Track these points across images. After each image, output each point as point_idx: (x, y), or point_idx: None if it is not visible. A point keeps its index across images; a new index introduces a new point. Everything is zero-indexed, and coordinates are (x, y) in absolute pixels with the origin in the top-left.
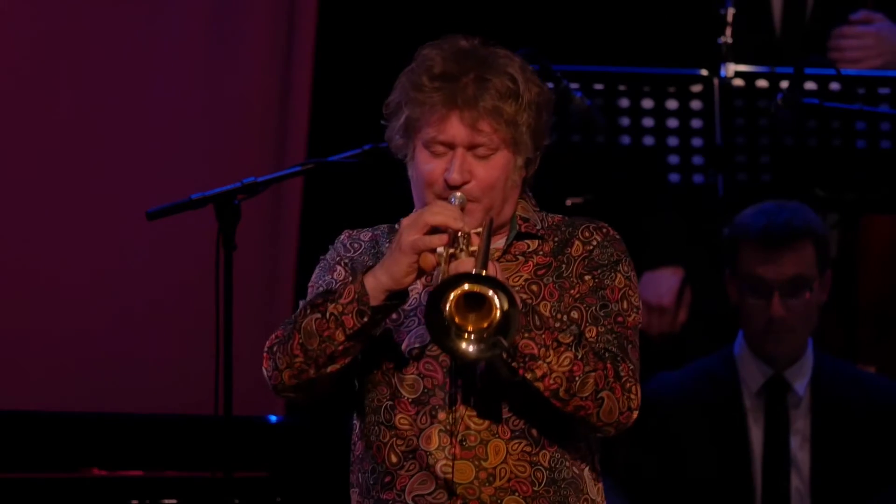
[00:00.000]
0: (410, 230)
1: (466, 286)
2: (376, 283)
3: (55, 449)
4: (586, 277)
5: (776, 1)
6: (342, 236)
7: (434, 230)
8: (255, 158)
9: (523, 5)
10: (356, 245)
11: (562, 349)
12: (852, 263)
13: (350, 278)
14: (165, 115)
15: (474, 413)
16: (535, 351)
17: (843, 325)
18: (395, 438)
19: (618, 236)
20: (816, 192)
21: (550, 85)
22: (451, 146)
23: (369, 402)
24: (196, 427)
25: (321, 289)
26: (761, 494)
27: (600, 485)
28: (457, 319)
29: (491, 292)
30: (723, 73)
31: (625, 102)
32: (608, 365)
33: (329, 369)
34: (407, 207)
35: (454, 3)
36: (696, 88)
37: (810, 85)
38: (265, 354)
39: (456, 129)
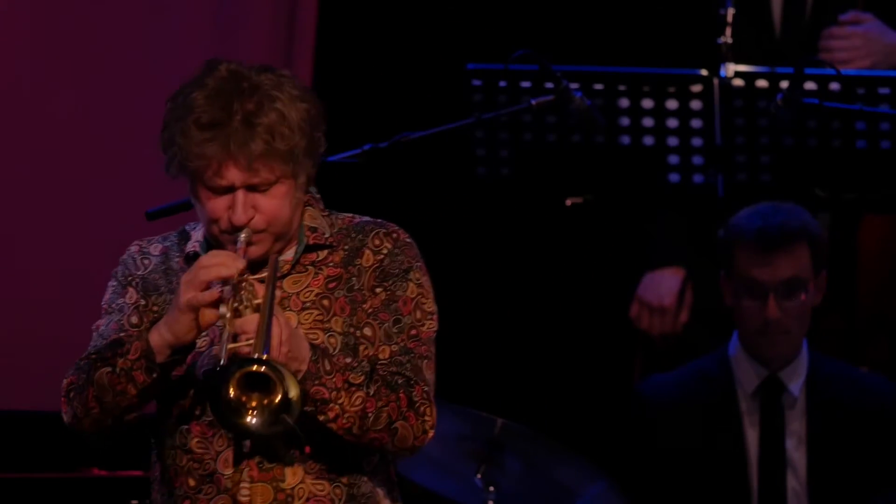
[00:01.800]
0: (188, 288)
1: (249, 369)
2: (160, 339)
3: (55, 449)
4: (378, 290)
5: (776, 1)
6: (132, 248)
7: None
8: None
9: (523, 5)
10: (146, 261)
11: (353, 389)
12: (852, 264)
13: (136, 337)
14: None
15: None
16: (327, 395)
17: (842, 326)
18: (191, 462)
19: (409, 240)
20: (816, 193)
21: (550, 85)
22: (230, 189)
23: (164, 426)
24: None
25: (113, 313)
26: (758, 495)
27: (396, 494)
28: (241, 399)
29: (273, 375)
30: (723, 73)
31: (624, 102)
32: (401, 395)
33: (127, 418)
34: (408, 207)
35: (454, 4)
36: (696, 88)
37: (810, 85)
38: (62, 398)
39: (233, 175)
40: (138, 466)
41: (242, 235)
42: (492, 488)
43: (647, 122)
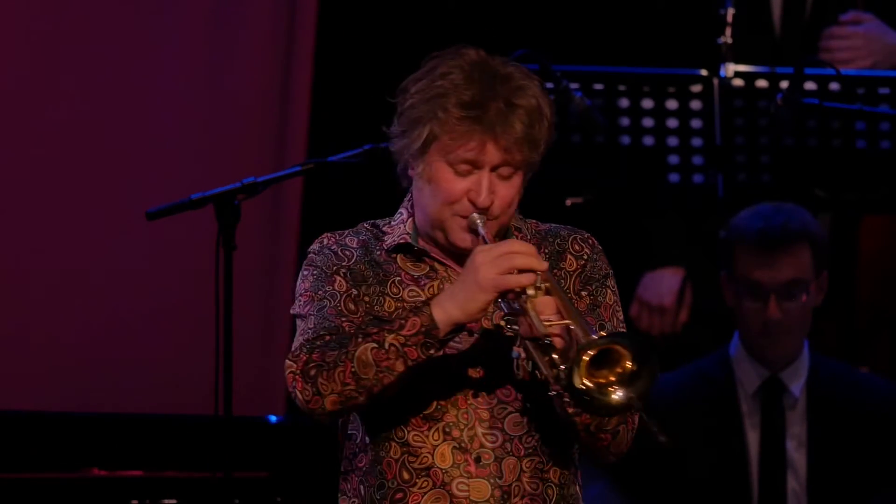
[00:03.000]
0: (490, 267)
1: (587, 356)
2: (446, 316)
3: (55, 449)
4: (582, 294)
5: (776, 1)
6: (327, 241)
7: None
8: (255, 158)
9: (523, 5)
10: (347, 252)
11: None
12: (852, 264)
13: (407, 312)
14: (165, 115)
15: (488, 430)
16: None
17: (841, 326)
18: (406, 455)
19: (600, 246)
20: (816, 193)
21: (550, 85)
22: (478, 167)
23: (378, 416)
24: (196, 427)
25: (325, 299)
26: (758, 496)
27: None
28: (599, 381)
29: (611, 346)
30: (722, 73)
31: (624, 102)
32: None
33: (379, 395)
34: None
35: (454, 4)
36: (696, 88)
37: (810, 85)
38: (297, 377)
39: (491, 154)
40: (138, 466)
41: (480, 220)
42: None
43: (647, 122)
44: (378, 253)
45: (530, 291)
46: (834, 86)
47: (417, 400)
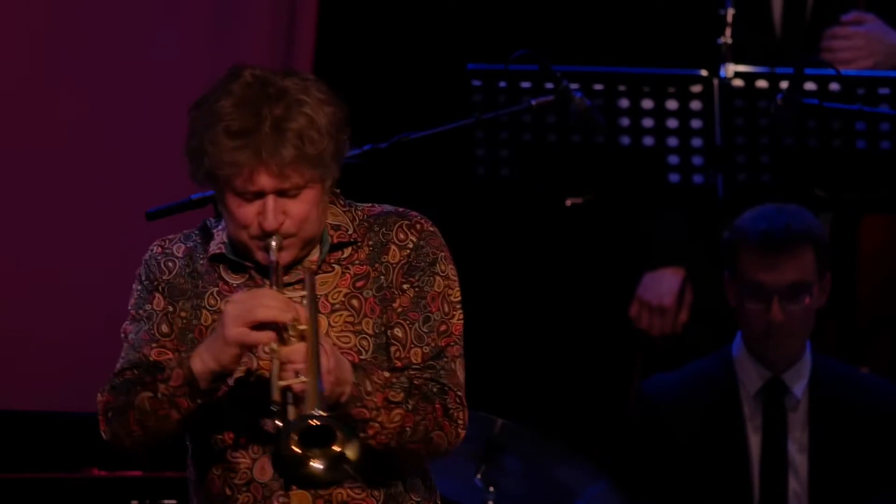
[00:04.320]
0: (236, 322)
1: (310, 424)
2: (203, 367)
3: (55, 449)
4: (405, 287)
5: (776, 1)
6: (155, 249)
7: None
8: None
9: (523, 5)
10: (170, 264)
11: (392, 407)
12: (852, 264)
13: (175, 362)
14: (165, 115)
15: None
16: (367, 415)
17: (842, 326)
18: (227, 471)
19: (432, 228)
20: (816, 193)
21: (550, 85)
22: (259, 195)
23: (199, 434)
24: None
25: (142, 321)
26: (759, 497)
27: (430, 483)
28: (302, 450)
29: (332, 426)
30: (722, 73)
31: (624, 103)
32: (437, 405)
33: (169, 438)
34: (408, 208)
35: (454, 4)
36: (696, 89)
37: (810, 85)
38: (100, 416)
39: (264, 181)
40: (138, 466)
41: (273, 242)
42: (492, 488)
43: (647, 122)
44: (201, 262)
45: (273, 345)
46: (834, 86)
47: (234, 417)
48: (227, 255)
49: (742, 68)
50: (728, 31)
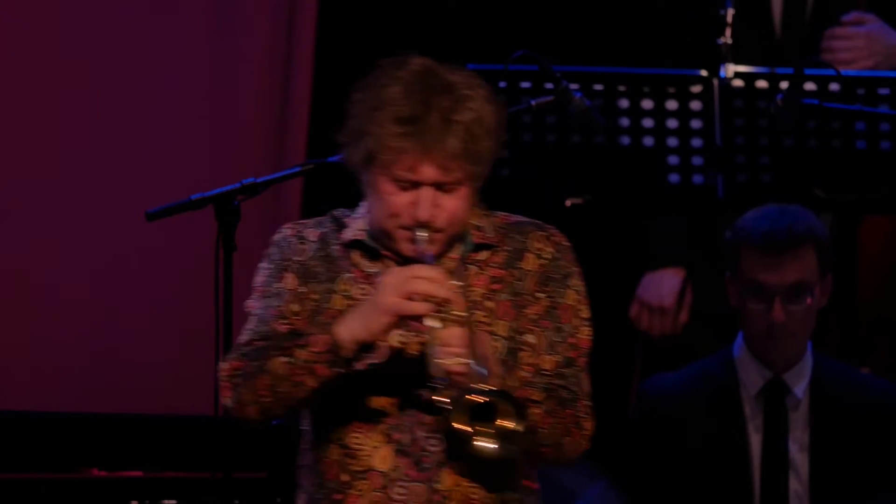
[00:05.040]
0: (393, 292)
1: (477, 400)
2: (350, 335)
3: (55, 449)
4: (539, 295)
5: (776, 1)
6: (287, 231)
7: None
8: (255, 158)
9: (523, 5)
10: (303, 246)
11: (531, 405)
12: (852, 264)
13: (316, 327)
14: (165, 116)
15: (429, 434)
16: None
17: (842, 327)
18: (346, 457)
19: (567, 243)
20: (816, 193)
21: (549, 85)
22: (416, 185)
23: (321, 417)
24: (196, 427)
25: (271, 297)
26: (760, 497)
27: (535, 499)
28: (475, 428)
29: (495, 402)
30: (722, 73)
31: (624, 103)
32: (568, 411)
33: (297, 406)
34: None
35: (454, 4)
36: (696, 89)
37: (810, 85)
38: (224, 383)
39: (426, 171)
40: (138, 466)
41: (424, 233)
42: None
43: (647, 122)
44: (335, 247)
45: (436, 323)
46: (834, 86)
47: (359, 404)
48: (366, 241)
49: (742, 68)
50: (728, 32)
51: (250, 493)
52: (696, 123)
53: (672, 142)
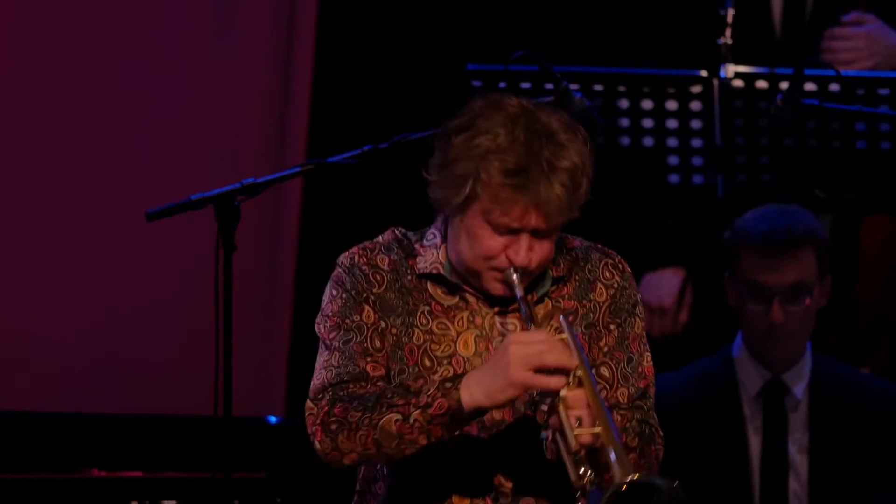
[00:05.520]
0: (522, 364)
1: (617, 488)
2: (472, 401)
3: (55, 449)
4: (612, 326)
5: (776, 2)
6: (358, 259)
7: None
8: (255, 159)
9: (523, 5)
10: (378, 276)
11: (628, 451)
12: (852, 264)
13: (434, 389)
14: (165, 116)
15: (507, 468)
16: None
17: (842, 327)
18: (423, 490)
19: (629, 270)
20: (816, 193)
21: (550, 85)
22: (518, 231)
23: (422, 467)
24: (196, 427)
25: (352, 332)
26: (759, 497)
27: None
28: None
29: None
30: (722, 74)
31: (624, 103)
32: (652, 448)
33: (395, 461)
34: (407, 208)
35: (454, 4)
36: (696, 89)
37: (810, 86)
38: (317, 427)
39: (532, 220)
40: (138, 466)
41: (516, 276)
42: None
43: (647, 122)
44: (409, 277)
45: (563, 392)
46: (834, 87)
47: (459, 468)
48: (445, 275)
49: (742, 69)
50: (728, 32)
51: (250, 493)
52: (696, 124)
53: (672, 142)
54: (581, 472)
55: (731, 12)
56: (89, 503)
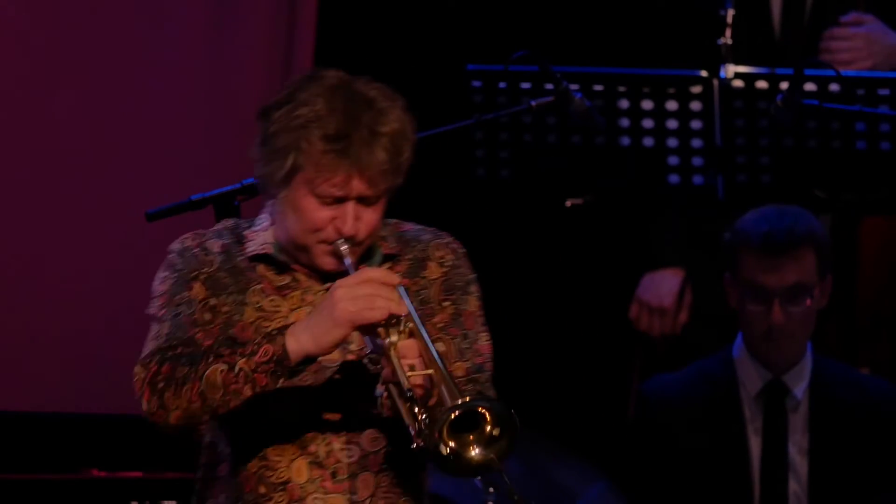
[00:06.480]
0: (348, 303)
1: (448, 417)
2: (299, 347)
3: (55, 449)
4: (445, 304)
5: (776, 2)
6: (189, 242)
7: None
8: None
9: (523, 5)
10: (209, 258)
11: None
12: (852, 265)
13: (261, 338)
14: (165, 116)
15: (345, 446)
16: None
17: (842, 327)
18: (264, 469)
19: (463, 250)
20: (816, 194)
21: (550, 86)
22: (340, 200)
23: (238, 429)
24: None
25: (181, 305)
26: (759, 498)
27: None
28: (459, 440)
29: (477, 409)
30: (722, 74)
31: (624, 104)
32: None
33: (225, 415)
34: (407, 208)
35: (454, 4)
36: (696, 90)
37: (810, 86)
38: (145, 386)
39: (356, 187)
40: (138, 467)
41: (345, 247)
42: (492, 489)
43: (647, 123)
44: (239, 259)
45: (393, 337)
46: (834, 87)
47: (277, 417)
48: (274, 255)
49: (742, 69)
50: (728, 32)
51: None
52: (696, 124)
53: (672, 142)
54: (416, 413)
55: (731, 12)
56: (89, 503)
